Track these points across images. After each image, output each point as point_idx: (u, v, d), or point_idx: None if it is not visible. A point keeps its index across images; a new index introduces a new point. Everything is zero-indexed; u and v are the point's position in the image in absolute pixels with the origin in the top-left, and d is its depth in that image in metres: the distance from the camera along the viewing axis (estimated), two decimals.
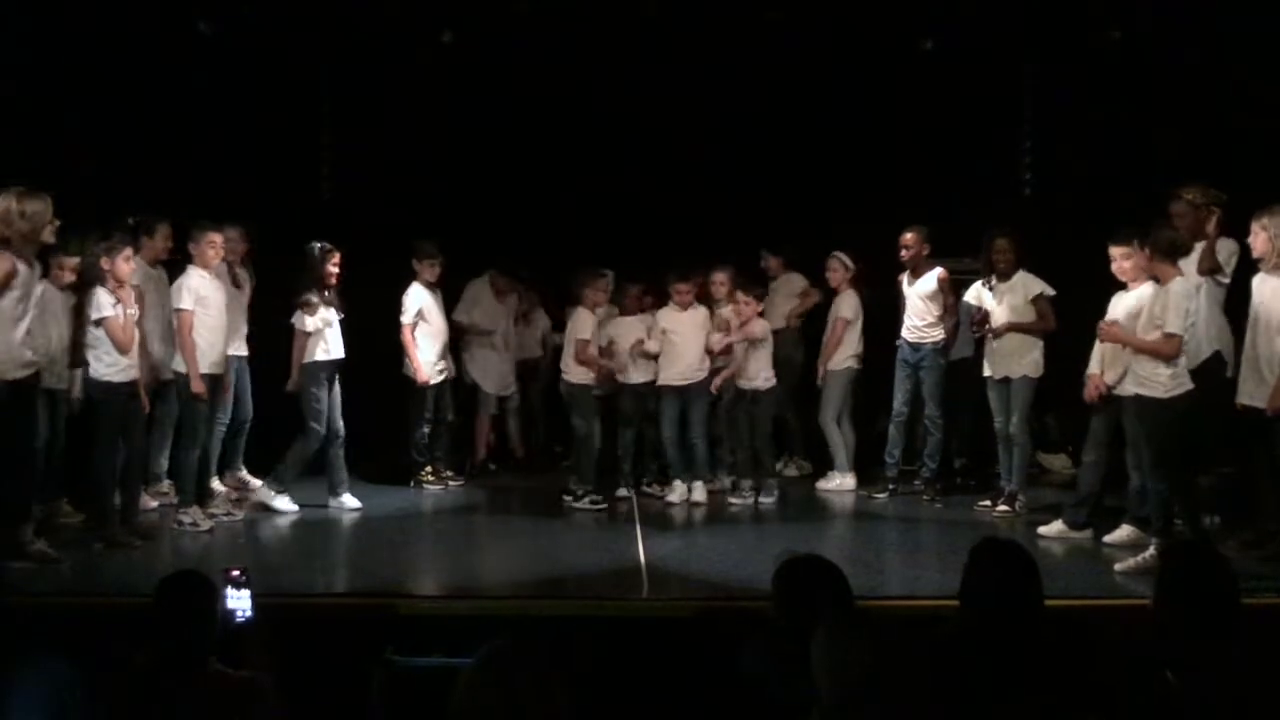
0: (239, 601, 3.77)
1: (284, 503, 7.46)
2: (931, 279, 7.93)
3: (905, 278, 8.08)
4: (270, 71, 8.95)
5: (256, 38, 8.73)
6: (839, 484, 8.31)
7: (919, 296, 7.95)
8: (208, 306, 7.03)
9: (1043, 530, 6.84)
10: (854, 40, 8.95)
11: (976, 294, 7.74)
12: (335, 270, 7.57)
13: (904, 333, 8.05)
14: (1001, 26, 8.80)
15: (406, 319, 8.15)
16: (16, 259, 5.68)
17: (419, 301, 8.19)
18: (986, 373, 7.61)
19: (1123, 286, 6.55)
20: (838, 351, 8.28)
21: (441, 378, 8.37)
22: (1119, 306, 6.50)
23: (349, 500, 7.63)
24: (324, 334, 7.49)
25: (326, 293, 7.53)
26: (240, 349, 7.79)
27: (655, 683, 4.55)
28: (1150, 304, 6.18)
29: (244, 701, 3.37)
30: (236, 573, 3.79)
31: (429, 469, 8.38)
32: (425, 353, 8.22)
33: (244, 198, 8.23)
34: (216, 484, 7.71)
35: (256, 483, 7.85)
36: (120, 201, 7.14)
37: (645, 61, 9.07)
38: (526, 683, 2.42)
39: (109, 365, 6.43)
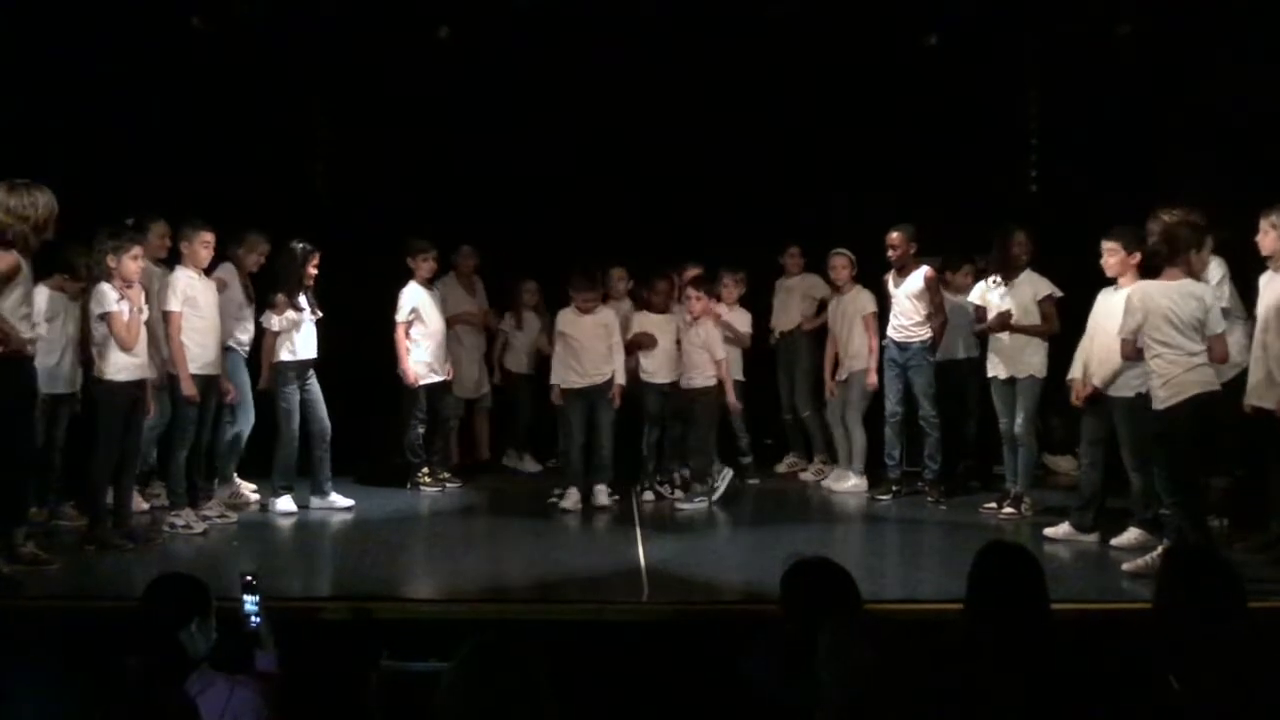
0: (250, 605, 3.82)
1: (285, 503, 7.44)
2: (918, 278, 7.88)
3: (891, 277, 8.05)
4: (265, 68, 8.89)
5: (251, 33, 8.67)
6: (854, 484, 8.25)
7: (906, 296, 7.91)
8: (197, 307, 6.99)
9: (1049, 532, 6.75)
10: (858, 36, 8.90)
11: (981, 294, 7.66)
12: (314, 272, 7.50)
13: (890, 332, 8.00)
14: (1006, 22, 8.75)
15: (400, 317, 8.07)
16: (21, 256, 5.59)
17: (414, 300, 8.12)
18: (991, 373, 7.53)
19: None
20: (862, 350, 8.20)
21: (435, 378, 8.26)
22: (1109, 304, 6.36)
23: (338, 499, 7.57)
24: (291, 335, 7.42)
25: (303, 294, 7.45)
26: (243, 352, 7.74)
27: (656, 687, 4.49)
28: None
29: (235, 704, 3.34)
30: (250, 577, 3.87)
31: (425, 471, 8.29)
32: (420, 353, 8.14)
33: (237, 195, 8.16)
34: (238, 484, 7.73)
35: (247, 486, 7.81)
36: (113, 200, 7.06)
37: (645, 57, 9.02)
38: (508, 681, 2.39)
39: (112, 364, 6.37)
